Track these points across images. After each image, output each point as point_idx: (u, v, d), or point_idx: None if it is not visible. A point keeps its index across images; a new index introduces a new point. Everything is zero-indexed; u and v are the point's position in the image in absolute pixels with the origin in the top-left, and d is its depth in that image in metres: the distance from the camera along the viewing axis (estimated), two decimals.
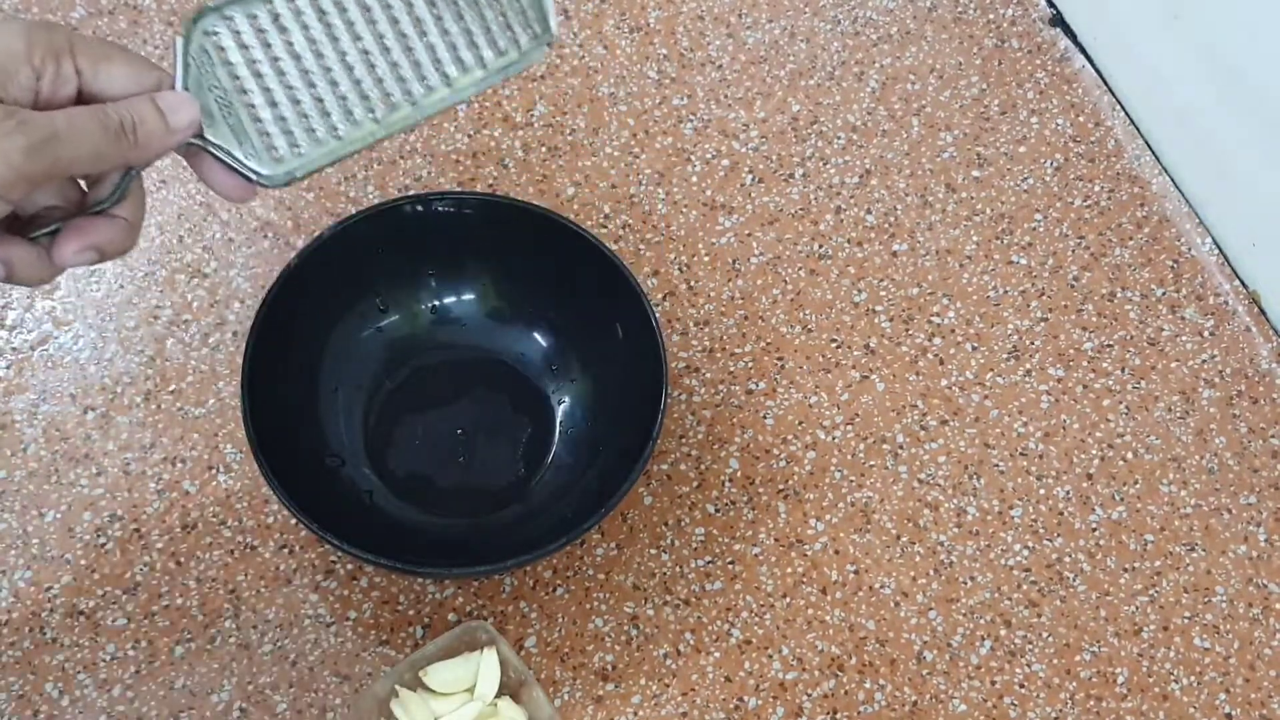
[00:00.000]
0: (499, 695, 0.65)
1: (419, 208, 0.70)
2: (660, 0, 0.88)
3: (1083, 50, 0.90)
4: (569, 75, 0.84)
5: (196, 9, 0.55)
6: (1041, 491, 0.76)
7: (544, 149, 0.82)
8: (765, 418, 0.76)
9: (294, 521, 0.68)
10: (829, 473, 0.75)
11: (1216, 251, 0.84)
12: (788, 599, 0.71)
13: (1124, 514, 0.76)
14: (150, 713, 0.66)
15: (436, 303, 0.74)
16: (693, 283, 0.79)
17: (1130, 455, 0.77)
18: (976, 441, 0.77)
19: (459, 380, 0.74)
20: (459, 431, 0.73)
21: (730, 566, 0.72)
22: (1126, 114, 0.88)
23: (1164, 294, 0.82)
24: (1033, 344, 0.80)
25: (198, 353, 0.74)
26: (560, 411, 0.73)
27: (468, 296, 0.74)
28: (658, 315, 0.69)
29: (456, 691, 0.64)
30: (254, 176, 0.54)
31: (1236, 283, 0.83)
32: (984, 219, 0.83)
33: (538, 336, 0.74)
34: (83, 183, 0.53)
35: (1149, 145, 0.87)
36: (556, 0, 0.83)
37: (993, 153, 0.85)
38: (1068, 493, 0.76)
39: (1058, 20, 0.91)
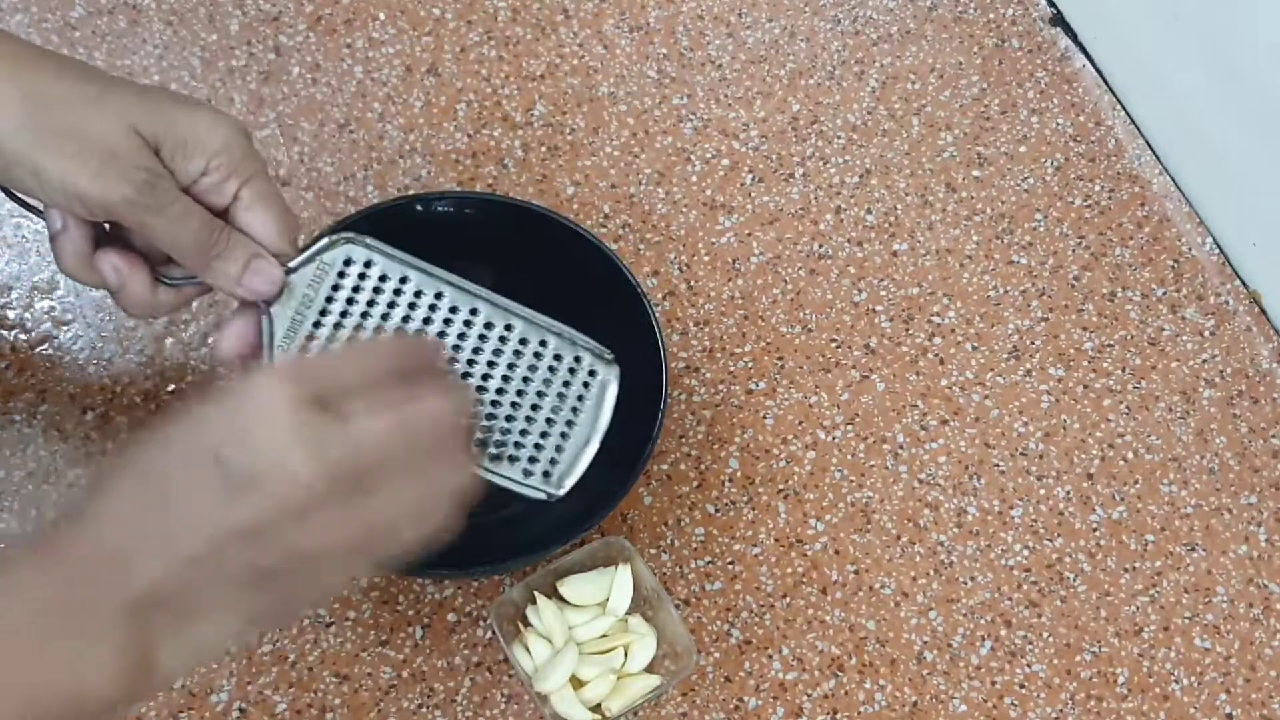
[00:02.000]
0: (630, 612, 0.67)
1: (419, 208, 0.70)
2: (660, 0, 0.88)
3: (1083, 50, 0.90)
4: (569, 75, 0.84)
5: (350, 225, 0.62)
6: (1042, 491, 0.76)
7: (544, 149, 0.82)
8: (765, 418, 0.76)
9: None
10: (829, 473, 0.75)
11: (1216, 251, 0.84)
12: (788, 599, 0.71)
13: (1124, 514, 0.76)
14: (150, 713, 0.66)
15: None
16: (693, 283, 0.79)
17: (1130, 455, 0.77)
18: (976, 441, 0.77)
19: None
20: None
21: (730, 566, 0.72)
22: (1127, 114, 0.88)
23: (1164, 294, 0.82)
24: (1033, 344, 0.80)
25: (197, 353, 0.74)
26: None
27: None
28: (658, 315, 0.69)
29: (590, 604, 0.67)
30: (269, 361, 0.58)
31: (1236, 283, 0.83)
32: (984, 219, 0.83)
33: None
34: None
35: (1149, 145, 0.87)
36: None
37: (993, 152, 0.85)
38: (1068, 493, 0.76)
39: (1058, 20, 0.91)
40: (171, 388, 0.73)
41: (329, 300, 0.58)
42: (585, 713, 0.64)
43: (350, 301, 0.58)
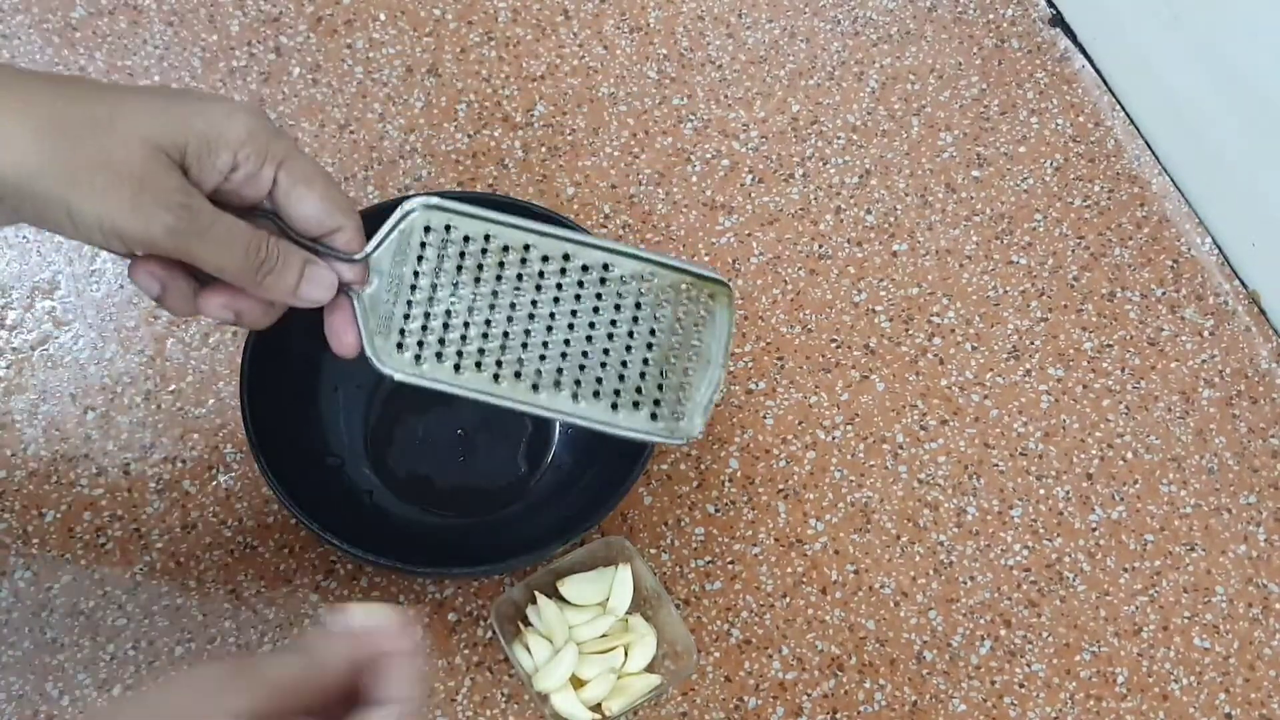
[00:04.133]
0: (630, 611, 0.67)
1: None
2: (660, 0, 0.88)
3: (1083, 50, 0.90)
4: (569, 75, 0.84)
5: (433, 193, 0.57)
6: (1041, 491, 0.76)
7: (544, 149, 0.82)
8: (765, 418, 0.76)
9: (294, 521, 0.68)
10: (829, 473, 0.75)
11: (1216, 251, 0.84)
12: (788, 599, 0.72)
13: (1124, 514, 0.76)
14: None
15: None
16: None
17: (1130, 455, 0.77)
18: (976, 441, 0.77)
19: None
20: (459, 431, 0.73)
21: (730, 566, 0.72)
22: (1126, 114, 0.88)
23: (1164, 294, 0.82)
24: (1032, 344, 0.80)
25: (198, 353, 0.74)
26: None
27: None
28: None
29: (590, 604, 0.67)
30: (368, 351, 0.56)
31: (1236, 283, 0.83)
32: (984, 219, 0.83)
33: None
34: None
35: (1149, 145, 0.87)
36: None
37: (993, 153, 0.85)
38: (1067, 493, 0.76)
39: (1058, 20, 0.91)
40: (172, 388, 0.73)
41: (416, 274, 0.56)
42: (585, 712, 0.65)
43: (439, 271, 0.56)
